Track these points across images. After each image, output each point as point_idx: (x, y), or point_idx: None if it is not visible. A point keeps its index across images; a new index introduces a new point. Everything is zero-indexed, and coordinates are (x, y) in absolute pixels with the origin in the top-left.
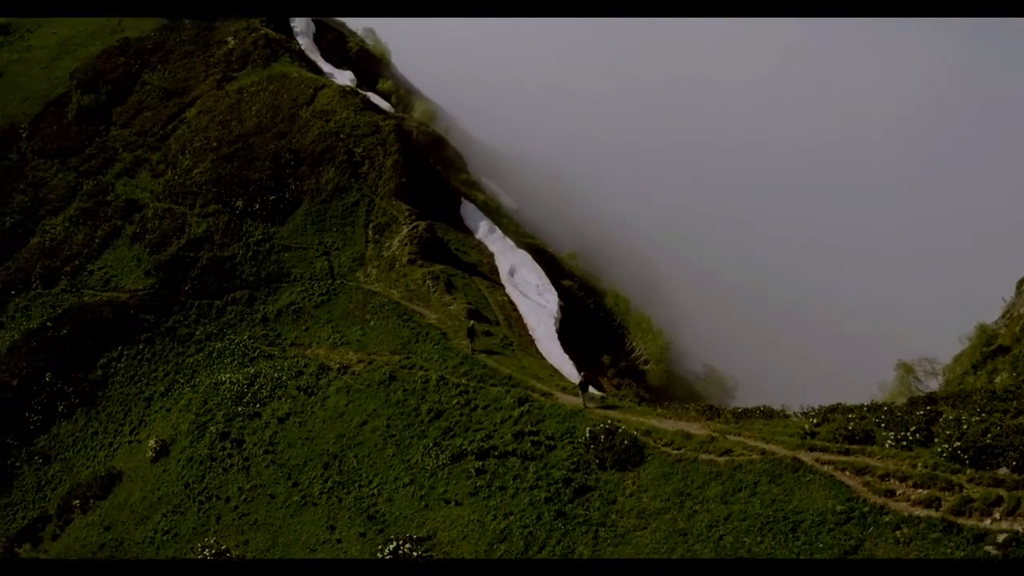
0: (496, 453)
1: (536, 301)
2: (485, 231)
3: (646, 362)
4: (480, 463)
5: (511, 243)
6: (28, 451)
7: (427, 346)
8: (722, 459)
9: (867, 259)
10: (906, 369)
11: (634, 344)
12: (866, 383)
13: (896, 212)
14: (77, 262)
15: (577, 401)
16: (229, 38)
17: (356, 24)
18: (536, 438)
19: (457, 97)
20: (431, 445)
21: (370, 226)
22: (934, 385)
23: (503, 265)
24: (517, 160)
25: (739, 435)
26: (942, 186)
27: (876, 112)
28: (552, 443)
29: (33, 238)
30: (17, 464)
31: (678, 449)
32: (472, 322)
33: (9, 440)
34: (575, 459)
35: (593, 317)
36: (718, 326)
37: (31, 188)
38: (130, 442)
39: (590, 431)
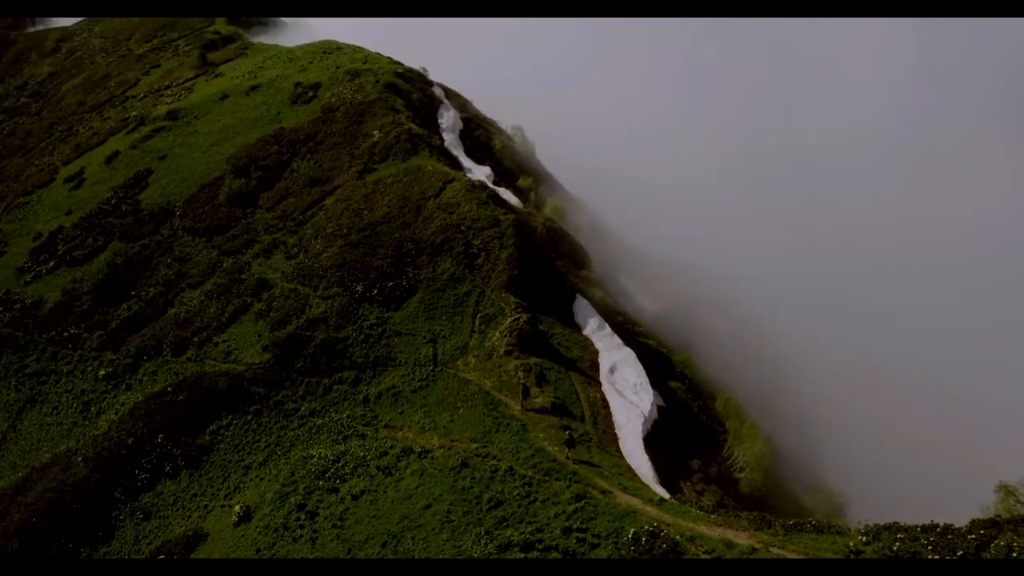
0: (540, 547)
1: (630, 400)
2: (594, 327)
3: (741, 469)
4: (523, 555)
5: (618, 341)
6: (133, 506)
7: (505, 436)
8: None
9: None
10: (1007, 492)
11: (731, 450)
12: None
13: None
14: (205, 334)
15: (635, 501)
16: (375, 131)
17: (506, 121)
18: (583, 535)
19: (604, 196)
20: (483, 533)
21: (478, 316)
22: None
23: (605, 362)
24: (656, 260)
25: (783, 548)
26: None
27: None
28: (597, 541)
29: (171, 308)
30: (121, 517)
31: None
32: (571, 433)
33: (117, 494)
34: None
35: (695, 420)
36: (838, 437)
37: (176, 262)
38: (222, 506)
39: (634, 532)
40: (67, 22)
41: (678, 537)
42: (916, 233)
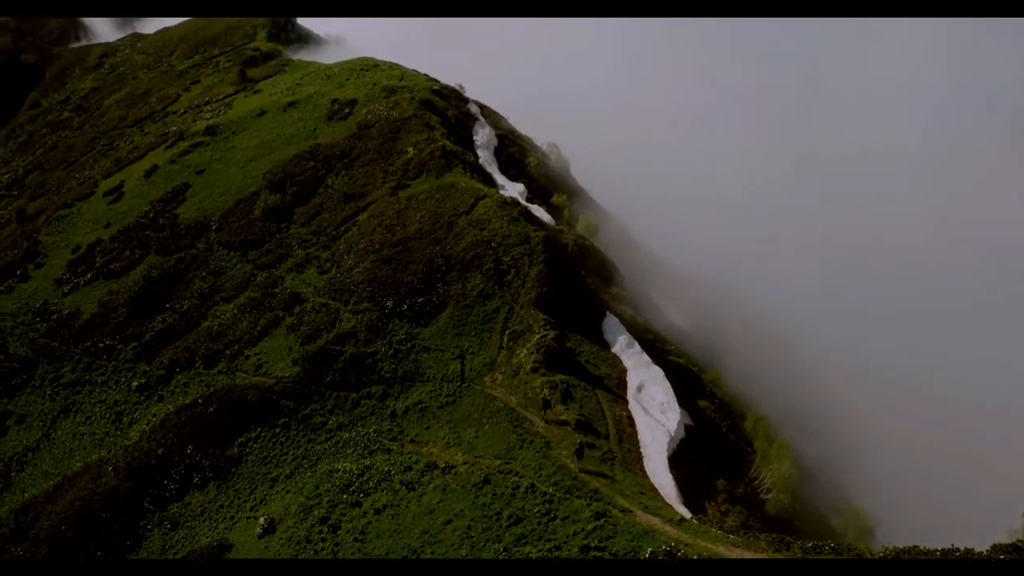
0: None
1: (656, 418)
2: (622, 345)
3: (768, 490)
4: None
5: (647, 359)
6: (161, 516)
7: (529, 453)
8: None
9: None
10: None
11: (758, 470)
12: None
13: None
14: (237, 347)
15: (654, 520)
16: (410, 148)
17: (542, 138)
18: (600, 554)
19: (639, 211)
20: (501, 550)
21: (506, 333)
22: None
23: (633, 380)
24: (689, 276)
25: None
26: None
27: None
28: (614, 560)
29: (205, 321)
30: (149, 527)
31: None
32: (580, 443)
33: (146, 504)
34: None
35: (723, 440)
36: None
37: (211, 276)
38: (248, 517)
39: (651, 552)
40: (110, 38)
41: (695, 557)
42: (948, 243)
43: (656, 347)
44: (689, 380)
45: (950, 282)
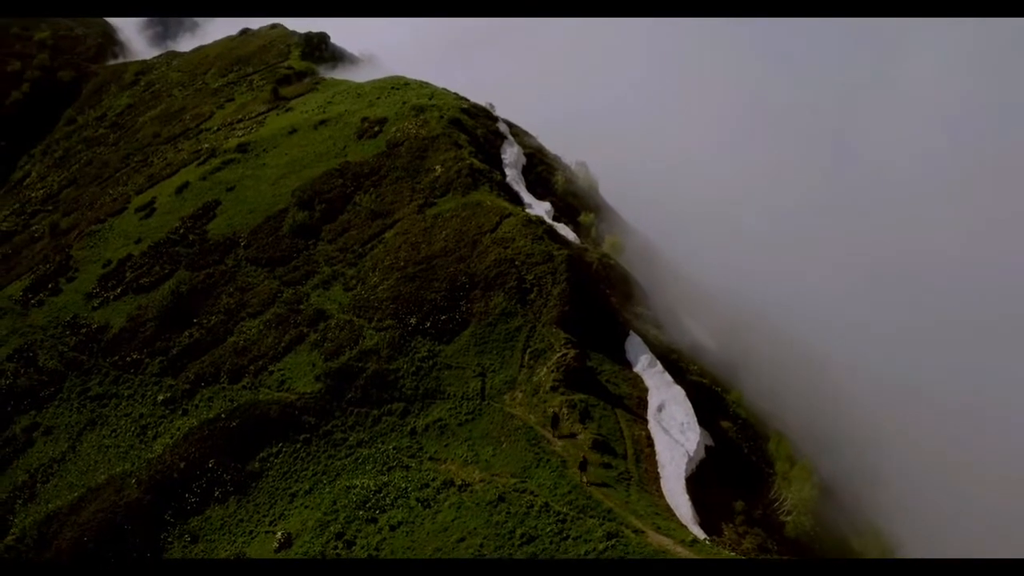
0: None
1: (675, 438)
2: (644, 364)
3: (788, 512)
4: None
5: (668, 379)
6: (181, 528)
7: (545, 472)
8: None
9: None
10: None
11: (778, 492)
12: None
13: None
14: (262, 362)
15: (666, 541)
16: (437, 166)
17: (571, 156)
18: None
19: (667, 230)
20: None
21: (527, 351)
22: None
23: (654, 400)
24: (717, 294)
25: None
26: None
27: None
28: None
29: (231, 337)
30: (169, 540)
31: None
32: (584, 456)
33: (167, 517)
34: None
35: (744, 461)
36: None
37: (238, 292)
38: (266, 532)
39: None
40: (147, 55)
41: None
42: (982, 255)
43: (679, 366)
44: (712, 400)
45: (983, 296)
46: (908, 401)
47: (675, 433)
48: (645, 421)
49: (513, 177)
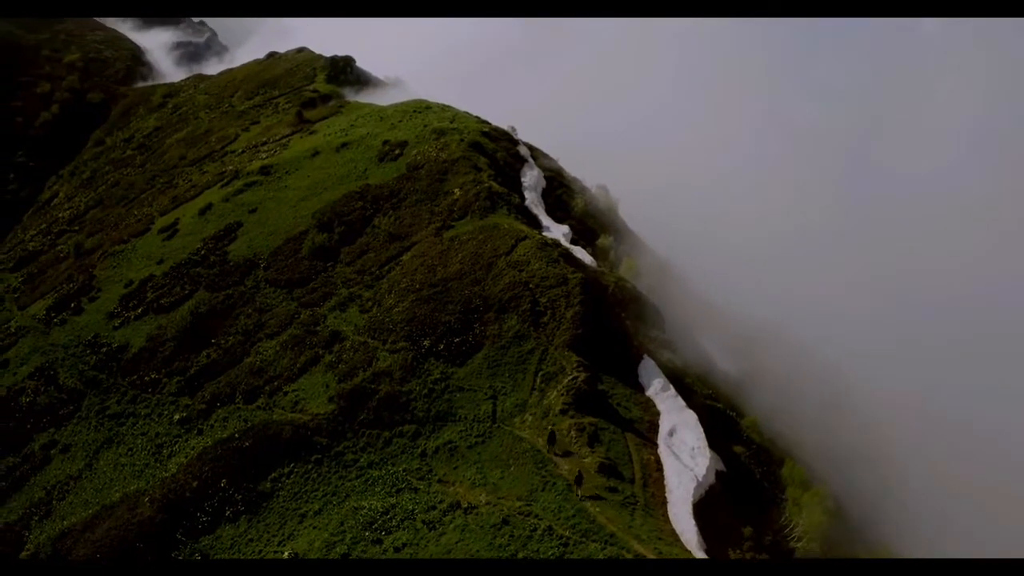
0: None
1: (685, 463)
2: (657, 388)
3: (798, 539)
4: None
5: (681, 403)
6: (192, 547)
7: (550, 495)
8: None
9: None
10: None
11: (788, 518)
12: None
13: None
14: (277, 383)
15: None
16: (456, 189)
17: (592, 179)
18: None
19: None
20: None
21: (539, 375)
22: None
23: (665, 424)
24: (734, 317)
25: None
26: None
27: None
28: None
29: (247, 357)
30: (180, 559)
31: None
32: (579, 470)
33: (179, 535)
34: None
35: (755, 486)
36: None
37: (256, 313)
38: (275, 552)
39: None
40: (175, 78)
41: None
42: (1001, 276)
43: (693, 390)
44: (725, 424)
45: (1003, 316)
46: (923, 418)
47: (685, 458)
48: (655, 445)
49: (532, 200)
